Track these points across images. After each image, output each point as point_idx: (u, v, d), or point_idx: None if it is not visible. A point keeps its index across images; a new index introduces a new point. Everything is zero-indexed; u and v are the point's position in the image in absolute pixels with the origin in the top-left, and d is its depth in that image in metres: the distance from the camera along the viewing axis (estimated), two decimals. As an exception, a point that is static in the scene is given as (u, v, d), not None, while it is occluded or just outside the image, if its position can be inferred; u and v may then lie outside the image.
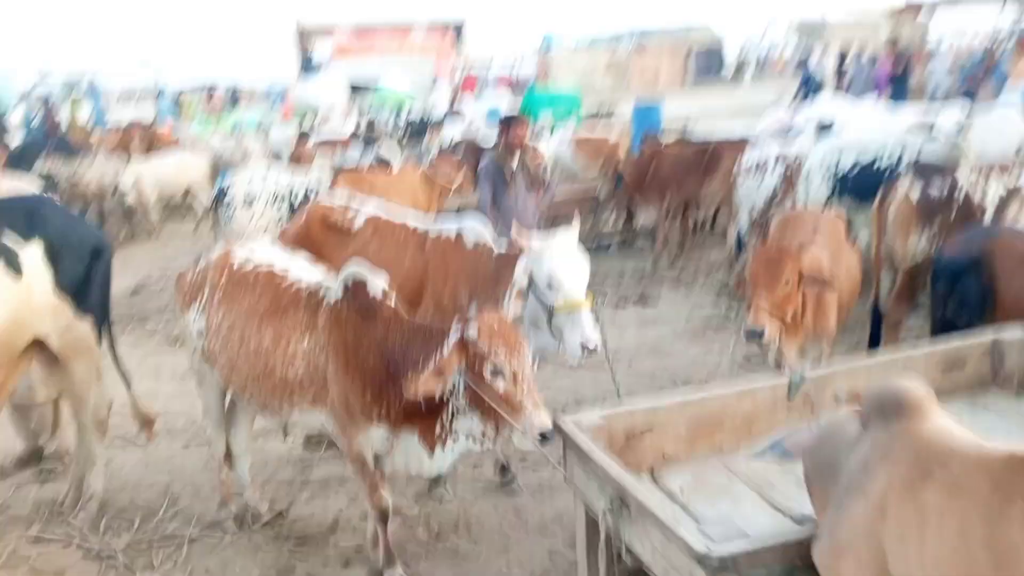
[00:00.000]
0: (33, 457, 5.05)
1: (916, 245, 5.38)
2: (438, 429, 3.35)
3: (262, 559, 4.07)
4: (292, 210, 7.48)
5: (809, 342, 4.36)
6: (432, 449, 3.40)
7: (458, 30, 41.01)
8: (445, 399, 3.27)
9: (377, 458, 3.57)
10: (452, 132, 16.27)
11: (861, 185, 6.70)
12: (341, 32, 37.54)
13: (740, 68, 42.97)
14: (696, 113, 18.07)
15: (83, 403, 4.37)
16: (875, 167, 6.66)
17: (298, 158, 11.35)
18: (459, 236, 4.50)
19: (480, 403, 3.16)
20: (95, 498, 4.49)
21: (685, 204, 9.55)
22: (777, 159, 8.23)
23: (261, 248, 4.06)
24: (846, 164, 6.95)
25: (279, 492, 4.60)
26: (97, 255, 4.31)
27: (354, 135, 16.02)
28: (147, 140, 16.09)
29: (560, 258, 3.99)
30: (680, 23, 42.66)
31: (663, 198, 9.51)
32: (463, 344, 3.14)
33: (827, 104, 13.43)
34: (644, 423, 3.44)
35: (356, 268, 3.56)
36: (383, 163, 9.72)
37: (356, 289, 3.49)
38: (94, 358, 4.36)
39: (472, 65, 39.41)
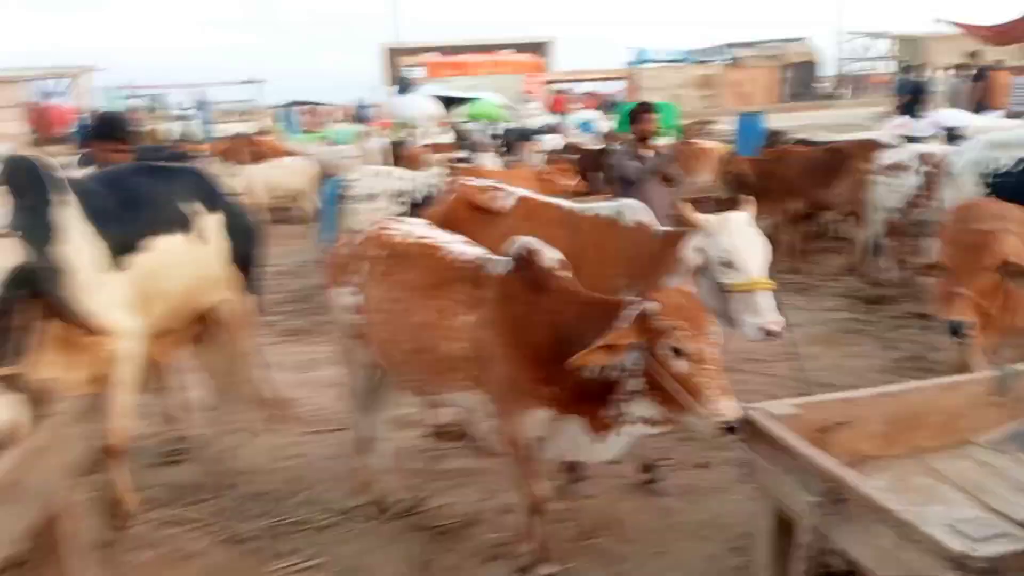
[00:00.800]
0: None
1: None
2: (609, 412, 3.08)
3: (398, 551, 3.86)
4: (414, 206, 7.42)
5: (1003, 340, 3.92)
6: (601, 434, 3.13)
7: (544, 49, 41.42)
8: (619, 380, 3.00)
9: (535, 444, 3.32)
10: (550, 143, 16.23)
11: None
12: (431, 53, 38.27)
13: (838, 83, 41.69)
14: (793, 128, 17.46)
15: (244, 378, 4.36)
16: (1043, 164, 6.10)
17: (408, 161, 11.35)
18: (618, 216, 4.25)
19: (658, 386, 2.88)
20: (236, 482, 4.41)
21: (810, 206, 9.08)
22: (919, 158, 7.72)
23: (418, 225, 3.90)
24: (1006, 162, 6.39)
25: (412, 483, 4.40)
26: (258, 238, 4.67)
27: (455, 143, 16.06)
28: (254, 150, 16.49)
29: (739, 234, 3.70)
30: (775, 36, 41.64)
31: (787, 200, 9.07)
32: (643, 319, 2.87)
33: (948, 114, 12.76)
34: (839, 417, 3.09)
35: (529, 238, 3.35)
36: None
37: (529, 259, 3.27)
38: (255, 335, 4.38)
39: (560, 82, 39.57)
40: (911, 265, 8.65)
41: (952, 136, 11.18)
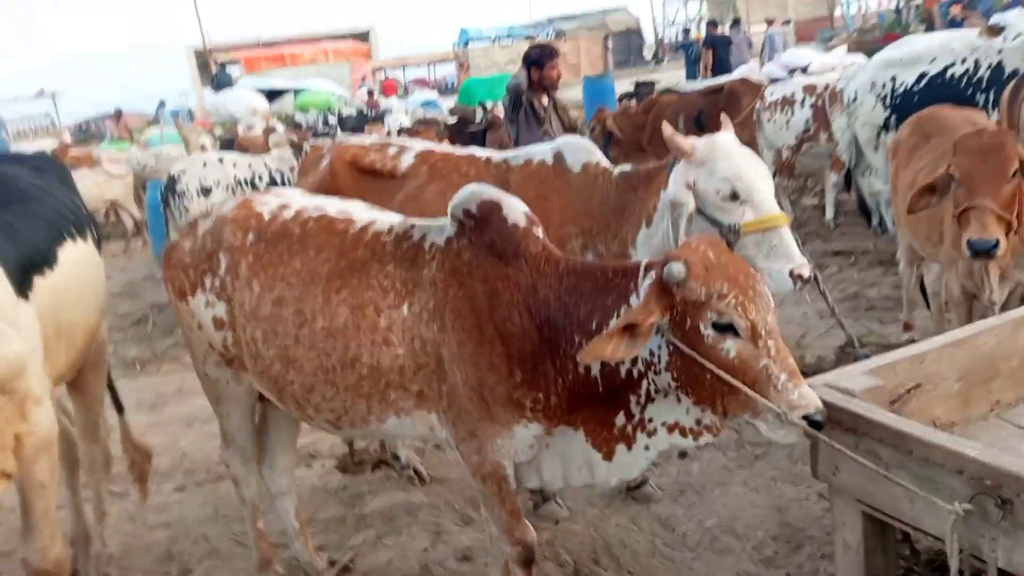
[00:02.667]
0: None
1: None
2: (621, 420, 2.20)
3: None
4: (261, 196, 6.24)
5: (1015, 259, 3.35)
6: (610, 450, 2.25)
7: (366, 37, 40.23)
8: (634, 374, 2.13)
9: (517, 471, 2.40)
10: (395, 123, 15.23)
11: (933, 102, 5.77)
12: (245, 48, 35.98)
13: (660, 49, 42.72)
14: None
15: (98, 427, 3.15)
16: (949, 77, 5.75)
17: (243, 148, 9.95)
18: (557, 159, 3.33)
19: (695, 377, 2.03)
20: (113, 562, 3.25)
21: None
22: (805, 91, 7.34)
23: (295, 194, 2.82)
24: (905, 79, 6.03)
25: (331, 536, 3.36)
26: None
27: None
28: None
29: (741, 158, 2.90)
30: (595, 7, 42.09)
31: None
32: (664, 288, 2.01)
33: (794, 54, 12.80)
34: (908, 379, 2.37)
35: (480, 187, 2.40)
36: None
37: (484, 218, 2.31)
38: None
39: (388, 68, 38.39)
40: (812, 205, 8.40)
41: (804, 72, 11.13)
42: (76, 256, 2.73)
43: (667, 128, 3.00)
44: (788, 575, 2.84)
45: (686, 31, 31.49)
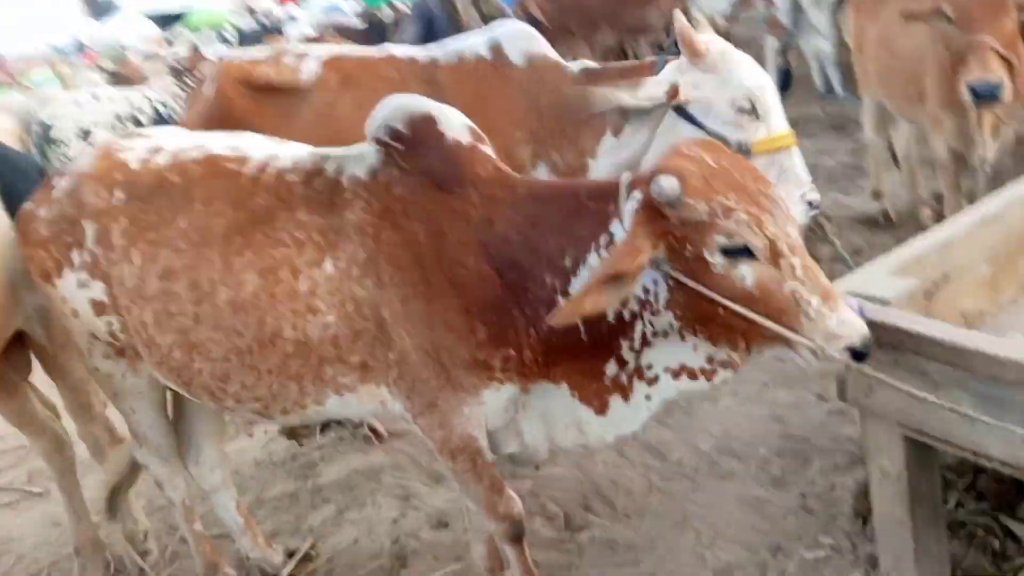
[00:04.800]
0: None
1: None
2: (613, 369, 1.80)
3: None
4: (142, 130, 5.53)
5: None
6: (602, 404, 1.86)
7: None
8: (625, 316, 1.72)
9: (491, 438, 2.00)
10: (296, 32, 14.18)
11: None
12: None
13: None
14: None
15: (91, 405, 2.78)
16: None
17: (128, 82, 8.99)
18: (496, 52, 2.79)
19: (704, 314, 1.63)
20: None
21: (620, 34, 7.99)
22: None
23: (167, 132, 2.26)
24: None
25: (285, 518, 2.95)
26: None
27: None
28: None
29: (754, 68, 2.49)
30: None
31: (593, 33, 7.91)
32: (653, 211, 1.59)
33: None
34: (938, 272, 2.02)
35: (406, 99, 1.89)
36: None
37: (417, 137, 1.83)
38: None
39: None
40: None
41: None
42: None
43: (680, 19, 2.51)
44: (803, 495, 2.55)
45: None
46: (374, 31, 10.29)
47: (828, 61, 6.30)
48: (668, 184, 1.55)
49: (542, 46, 2.79)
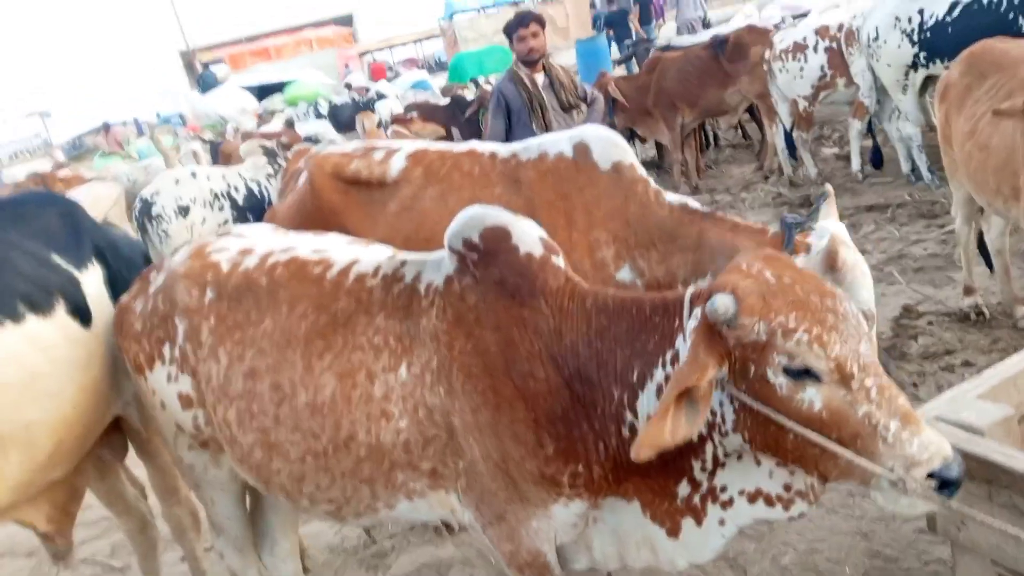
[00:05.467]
0: None
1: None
2: (685, 489, 1.76)
3: None
4: (237, 209, 5.79)
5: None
6: (674, 525, 1.81)
7: (349, 21, 39.76)
8: (694, 437, 1.68)
9: (560, 552, 1.97)
10: (386, 109, 14.78)
11: (970, 32, 5.23)
12: (228, 46, 35.49)
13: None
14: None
15: (178, 489, 2.85)
16: (987, 2, 5.19)
17: (226, 157, 9.49)
18: (580, 152, 2.82)
19: (774, 437, 1.58)
20: None
21: (701, 115, 8.03)
22: (817, 34, 6.78)
23: (257, 233, 2.37)
24: (937, 10, 5.48)
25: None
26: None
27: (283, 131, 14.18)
28: (53, 189, 13.88)
29: (870, 292, 2.35)
30: (579, -34, 40.96)
31: (675, 113, 7.97)
32: (712, 330, 1.56)
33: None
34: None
35: (482, 210, 1.94)
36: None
37: (490, 249, 1.86)
38: None
39: (374, 51, 37.83)
40: (833, 155, 7.87)
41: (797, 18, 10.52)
42: (15, 341, 2.26)
43: (837, 239, 2.30)
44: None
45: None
46: (456, 107, 10.67)
47: (914, 145, 6.16)
48: (722, 303, 1.52)
49: (630, 156, 2.81)
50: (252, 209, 5.81)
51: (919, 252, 5.19)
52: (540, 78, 4.74)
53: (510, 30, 4.75)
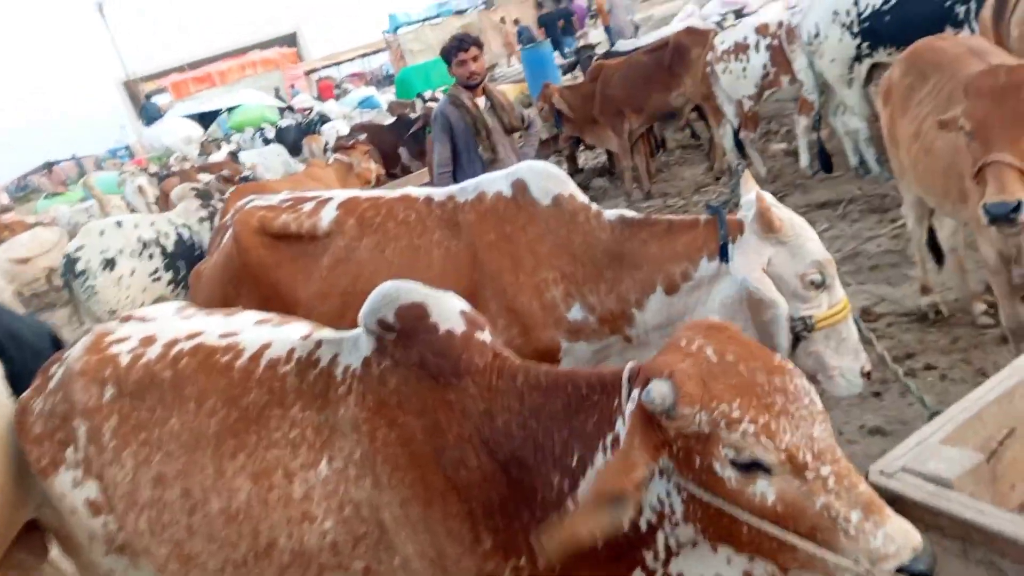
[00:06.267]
0: None
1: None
2: None
3: None
4: (168, 257, 5.51)
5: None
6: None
7: (293, 40, 39.42)
8: (642, 527, 1.54)
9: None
10: (332, 130, 14.58)
11: (909, 19, 5.19)
12: (171, 73, 34.94)
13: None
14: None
15: None
16: (923, -9, 5.15)
17: (166, 196, 9.20)
18: (519, 190, 2.67)
19: (728, 528, 1.44)
20: None
21: (648, 120, 7.95)
22: (758, 32, 6.73)
23: (161, 316, 2.16)
24: (873, 0, 5.43)
25: None
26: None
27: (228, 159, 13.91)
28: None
29: (816, 237, 2.37)
30: (519, -30, 40.98)
31: (622, 119, 7.88)
32: (649, 420, 1.41)
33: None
34: (1000, 425, 1.81)
35: (393, 287, 1.77)
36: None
37: (407, 328, 1.70)
38: None
39: (321, 69, 37.52)
40: (781, 151, 7.82)
41: (740, 15, 10.53)
42: None
43: (765, 200, 2.32)
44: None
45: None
46: (402, 126, 10.51)
47: (861, 138, 6.12)
48: (659, 392, 1.36)
49: (568, 186, 2.67)
50: (183, 256, 5.53)
51: (873, 249, 5.13)
52: (482, 101, 4.61)
53: (449, 53, 4.61)
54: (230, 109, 24.71)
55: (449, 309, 1.73)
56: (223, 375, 1.86)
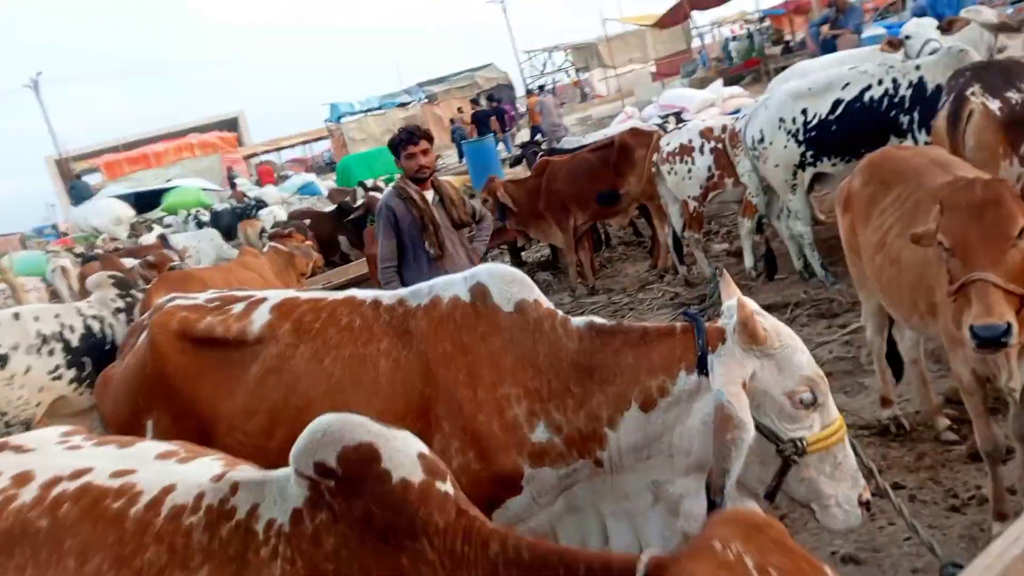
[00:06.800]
0: None
1: (1010, 171, 3.93)
2: None
3: None
4: (71, 352, 4.99)
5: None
6: None
7: (236, 124, 39.39)
8: None
9: None
10: (270, 215, 14.32)
11: (854, 130, 5.27)
12: (105, 153, 34.29)
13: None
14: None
15: None
16: (868, 100, 5.24)
17: (84, 280, 8.67)
18: (478, 295, 2.40)
19: None
20: None
21: (593, 216, 7.90)
22: (702, 136, 6.79)
23: (41, 446, 1.81)
24: (821, 109, 5.51)
25: None
26: None
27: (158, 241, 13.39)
28: None
29: (806, 354, 2.16)
30: (463, 67, 42.12)
31: (568, 215, 7.82)
32: None
33: (673, 94, 12.64)
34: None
35: (337, 422, 1.47)
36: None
37: (352, 475, 1.40)
38: None
39: (261, 154, 37.43)
40: (723, 251, 7.83)
41: (680, 118, 10.80)
42: None
43: (746, 308, 2.12)
44: None
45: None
46: (342, 213, 10.29)
47: (806, 243, 6.12)
48: None
49: (533, 291, 2.42)
50: (90, 351, 5.00)
51: (825, 355, 5.01)
52: (430, 195, 4.42)
53: (398, 146, 4.45)
54: (165, 192, 24.20)
55: (405, 453, 1.44)
56: (113, 527, 1.51)
